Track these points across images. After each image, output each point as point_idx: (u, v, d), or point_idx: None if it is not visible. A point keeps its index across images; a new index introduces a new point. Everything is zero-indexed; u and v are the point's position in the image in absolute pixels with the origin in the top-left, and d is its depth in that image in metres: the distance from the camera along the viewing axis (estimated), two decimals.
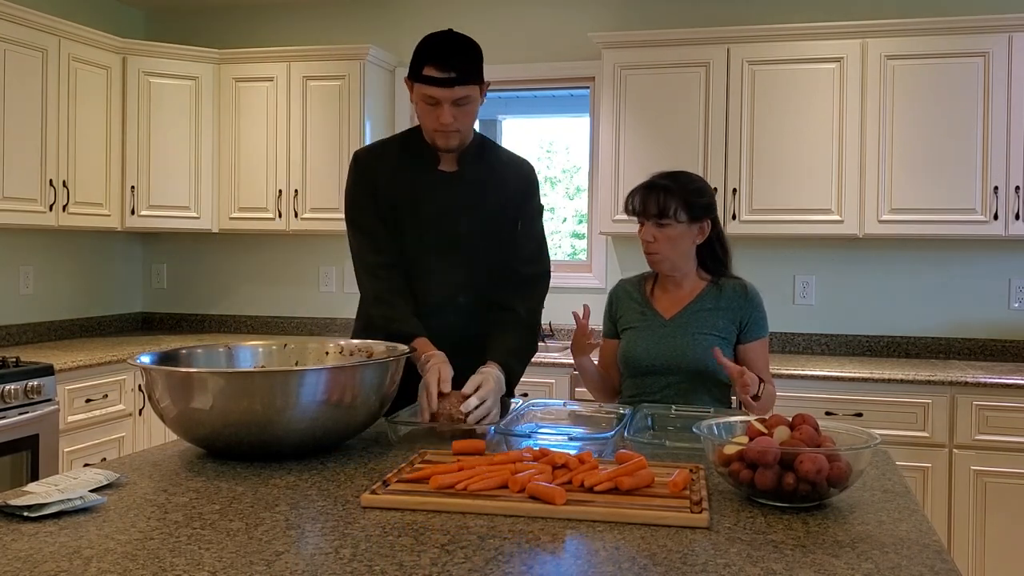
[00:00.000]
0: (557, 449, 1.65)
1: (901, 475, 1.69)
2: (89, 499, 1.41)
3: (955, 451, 3.47)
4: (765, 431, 1.51)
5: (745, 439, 1.49)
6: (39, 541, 1.26)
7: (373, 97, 4.53)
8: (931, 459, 3.48)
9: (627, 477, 1.47)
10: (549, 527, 1.34)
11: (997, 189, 3.71)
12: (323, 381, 1.69)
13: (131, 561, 1.18)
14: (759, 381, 2.18)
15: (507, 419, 2.02)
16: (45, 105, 3.91)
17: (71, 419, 3.62)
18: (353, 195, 2.30)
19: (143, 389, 3.68)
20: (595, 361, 2.49)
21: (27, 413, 3.33)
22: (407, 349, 1.98)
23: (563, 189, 8.61)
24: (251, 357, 2.08)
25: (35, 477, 3.33)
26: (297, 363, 2.08)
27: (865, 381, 3.56)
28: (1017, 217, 3.70)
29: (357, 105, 4.43)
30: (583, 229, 5.43)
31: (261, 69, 4.55)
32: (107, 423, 3.82)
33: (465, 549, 1.23)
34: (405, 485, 1.50)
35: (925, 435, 3.49)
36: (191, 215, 4.57)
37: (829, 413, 3.52)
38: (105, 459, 3.15)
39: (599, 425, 2.06)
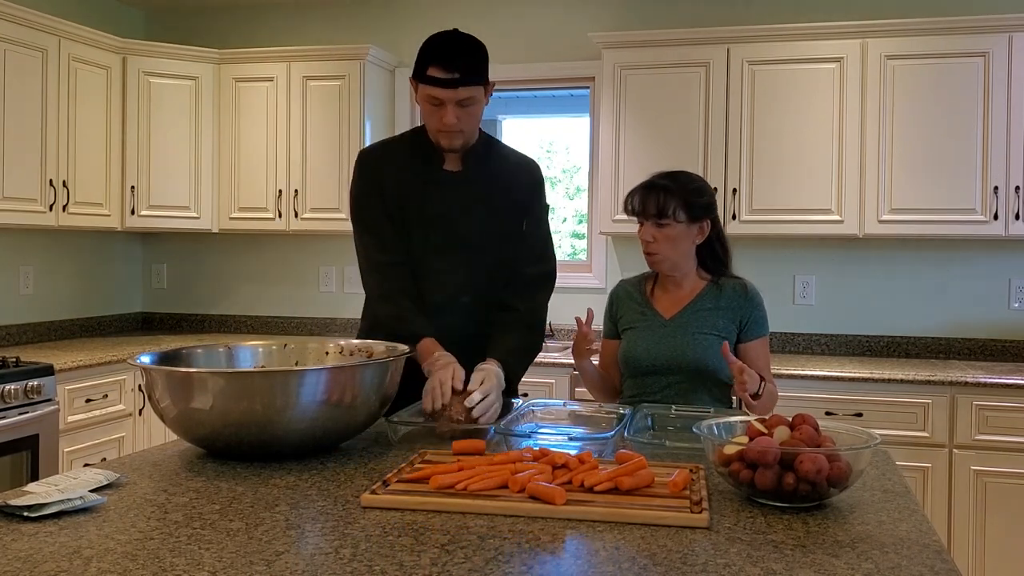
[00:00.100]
0: (557, 449, 1.65)
1: (901, 475, 1.69)
2: (89, 499, 1.41)
3: (955, 451, 3.47)
4: (765, 431, 1.51)
5: (745, 439, 1.49)
6: (39, 541, 1.26)
7: (373, 97, 4.53)
8: (931, 459, 3.48)
9: (627, 477, 1.47)
10: (549, 527, 1.34)
11: (997, 189, 3.71)
12: (323, 381, 1.69)
13: (131, 561, 1.18)
14: (760, 380, 2.18)
15: (507, 419, 2.02)
16: (45, 105, 3.91)
17: (71, 419, 3.62)
18: (359, 194, 2.28)
19: (143, 389, 3.68)
20: (596, 363, 2.49)
21: (27, 413, 3.33)
22: (407, 349, 1.98)
23: (563, 189, 8.61)
24: (251, 357, 2.08)
25: (35, 477, 3.33)
26: (297, 363, 2.08)
27: (865, 381, 3.56)
28: (1017, 217, 3.70)
29: (357, 105, 4.43)
30: (583, 229, 5.43)
31: (261, 69, 4.55)
32: (107, 423, 3.82)
33: (465, 549, 1.23)
34: (405, 485, 1.50)
35: (925, 435, 3.49)
36: (191, 215, 4.57)
37: (829, 413, 3.52)
38: (105, 459, 3.15)
39: (599, 425, 2.06)
